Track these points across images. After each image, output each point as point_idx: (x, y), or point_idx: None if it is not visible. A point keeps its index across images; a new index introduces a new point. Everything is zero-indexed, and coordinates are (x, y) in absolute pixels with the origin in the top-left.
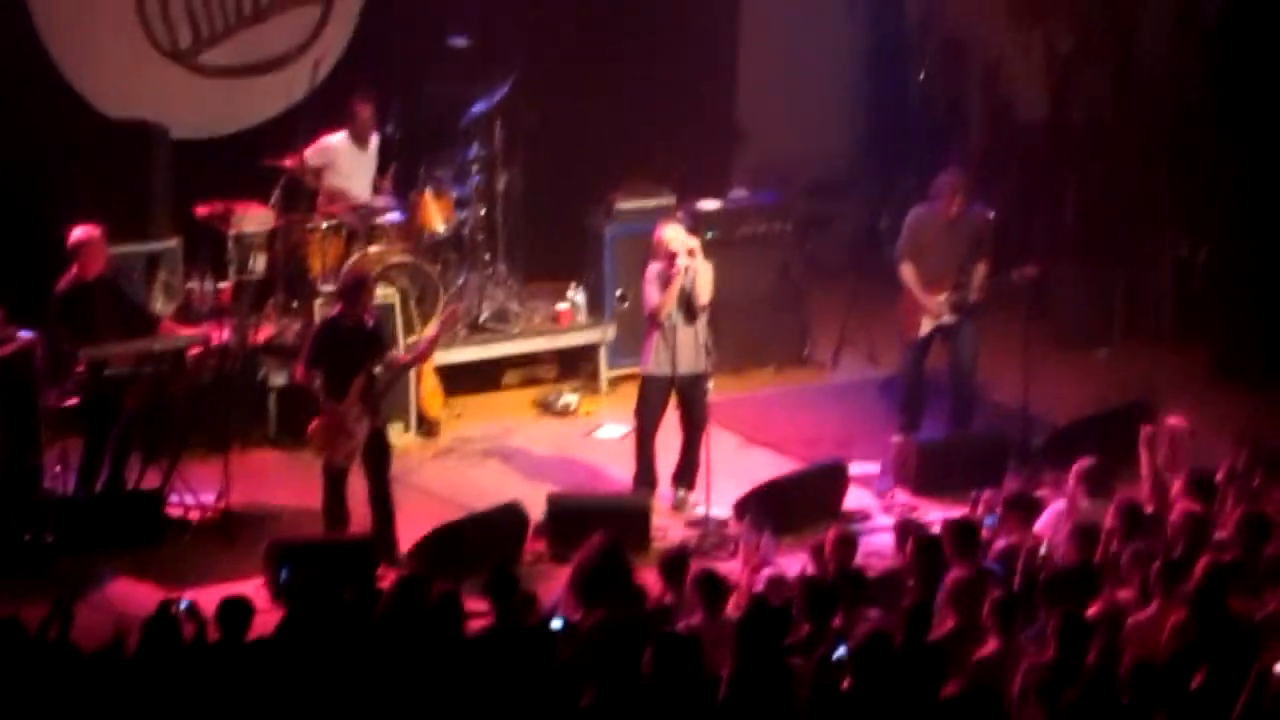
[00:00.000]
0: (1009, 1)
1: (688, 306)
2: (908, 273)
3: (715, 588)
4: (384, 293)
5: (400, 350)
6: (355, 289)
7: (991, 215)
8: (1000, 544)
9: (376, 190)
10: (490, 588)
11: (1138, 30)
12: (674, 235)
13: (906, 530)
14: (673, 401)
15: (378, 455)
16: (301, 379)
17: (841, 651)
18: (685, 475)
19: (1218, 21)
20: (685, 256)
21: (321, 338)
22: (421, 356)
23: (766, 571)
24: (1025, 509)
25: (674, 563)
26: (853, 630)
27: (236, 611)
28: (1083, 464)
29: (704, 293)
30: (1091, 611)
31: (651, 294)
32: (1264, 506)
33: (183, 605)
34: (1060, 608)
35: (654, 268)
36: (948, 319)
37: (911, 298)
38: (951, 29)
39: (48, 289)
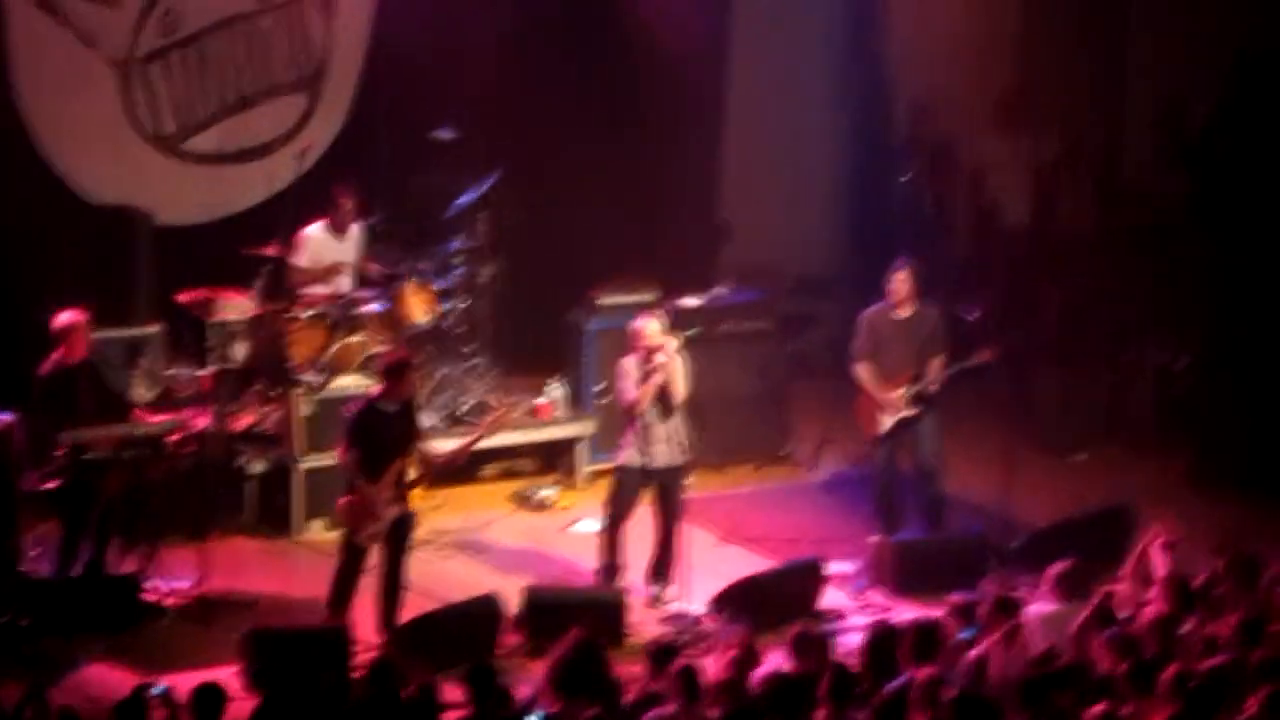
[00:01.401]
0: (996, 107)
1: (664, 401)
2: (864, 372)
3: (694, 682)
4: (364, 382)
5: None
6: (398, 369)
7: (970, 309)
8: (975, 654)
9: (364, 276)
10: (470, 680)
11: (1122, 140)
12: (651, 329)
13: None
14: (648, 496)
15: (399, 540)
16: (341, 459)
17: None
18: (661, 570)
19: (1201, 134)
20: (663, 354)
21: (360, 419)
22: (459, 457)
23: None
24: (1002, 611)
25: (662, 652)
26: None
27: (210, 698)
28: (1057, 567)
29: (680, 388)
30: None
31: (627, 388)
32: (1238, 614)
33: (156, 690)
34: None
35: (629, 361)
36: (908, 412)
37: (868, 397)
38: (938, 132)
39: (28, 372)
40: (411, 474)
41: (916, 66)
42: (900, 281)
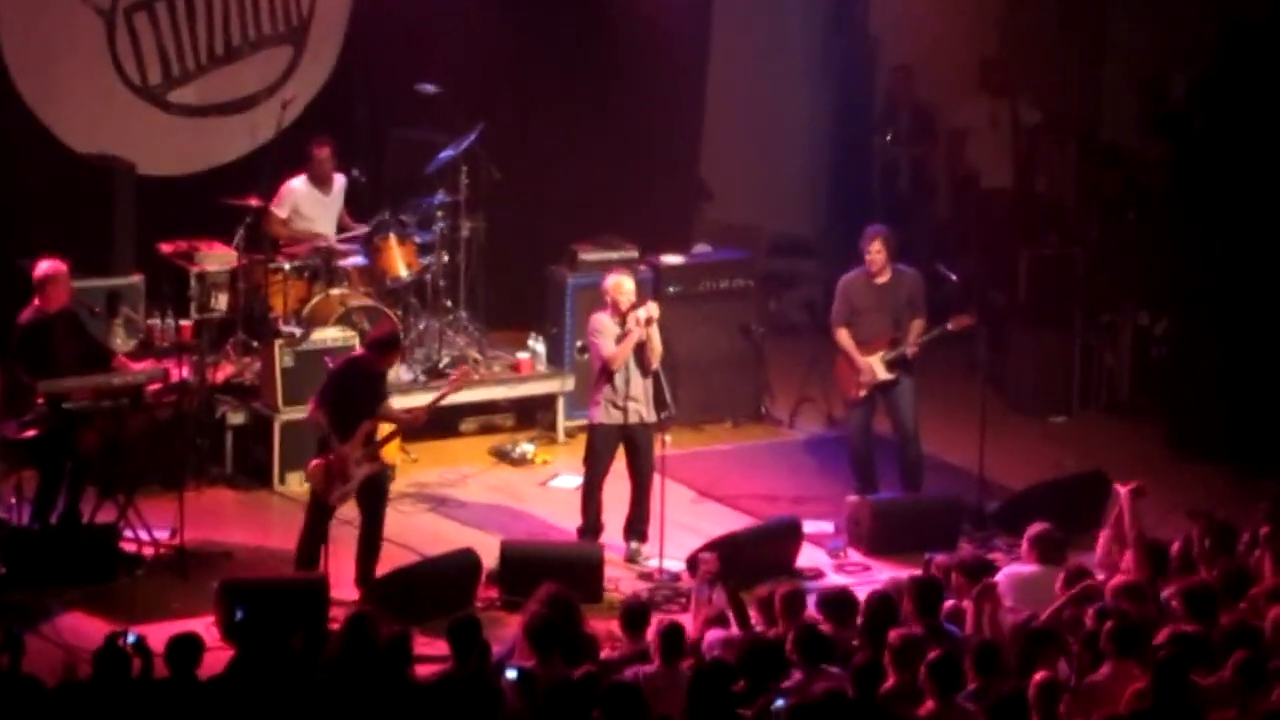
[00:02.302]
0: (977, 71)
1: (640, 359)
2: (843, 337)
3: (676, 641)
4: (344, 335)
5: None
6: (389, 344)
7: (952, 273)
8: (948, 605)
9: (343, 229)
10: (454, 634)
11: (1102, 105)
12: (626, 285)
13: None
14: (620, 452)
15: (375, 497)
16: (312, 415)
17: (780, 704)
18: (637, 527)
19: (1183, 100)
20: (643, 311)
21: (339, 378)
22: (424, 414)
23: (718, 635)
24: (978, 573)
25: (635, 613)
26: (810, 687)
27: (187, 648)
28: (1035, 529)
29: (658, 347)
30: (1036, 678)
31: (603, 344)
32: (1214, 579)
33: (130, 639)
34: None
35: (601, 318)
36: (886, 376)
37: (847, 360)
38: (920, 95)
39: (7, 321)
40: (382, 432)
41: (898, 30)
42: (875, 252)
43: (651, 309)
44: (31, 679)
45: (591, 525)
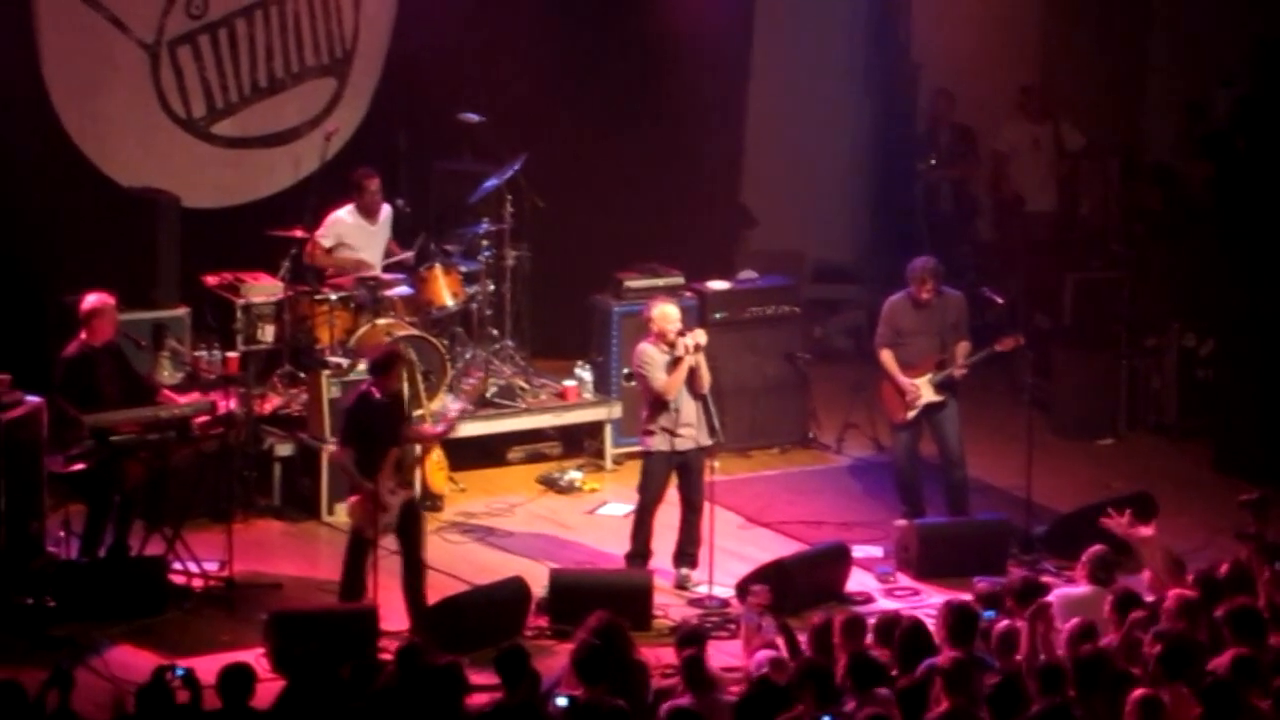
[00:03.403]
0: (1020, 96)
1: (691, 386)
2: (887, 359)
3: (700, 670)
4: None
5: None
6: (388, 363)
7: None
8: (1000, 628)
9: (390, 254)
10: (502, 664)
11: (1144, 126)
12: (671, 313)
13: (888, 625)
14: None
15: (412, 525)
16: (335, 458)
17: None
18: (687, 550)
19: (1226, 121)
20: (690, 338)
21: (358, 414)
22: (447, 430)
23: (767, 653)
24: (1030, 594)
25: (688, 638)
26: (860, 712)
27: (239, 678)
28: (1093, 550)
29: (706, 373)
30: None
31: (655, 376)
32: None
33: (178, 672)
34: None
35: (648, 349)
36: (934, 398)
37: (892, 384)
38: (962, 119)
39: (54, 355)
40: (415, 454)
41: (939, 54)
42: (930, 291)
43: (699, 335)
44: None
45: (640, 550)
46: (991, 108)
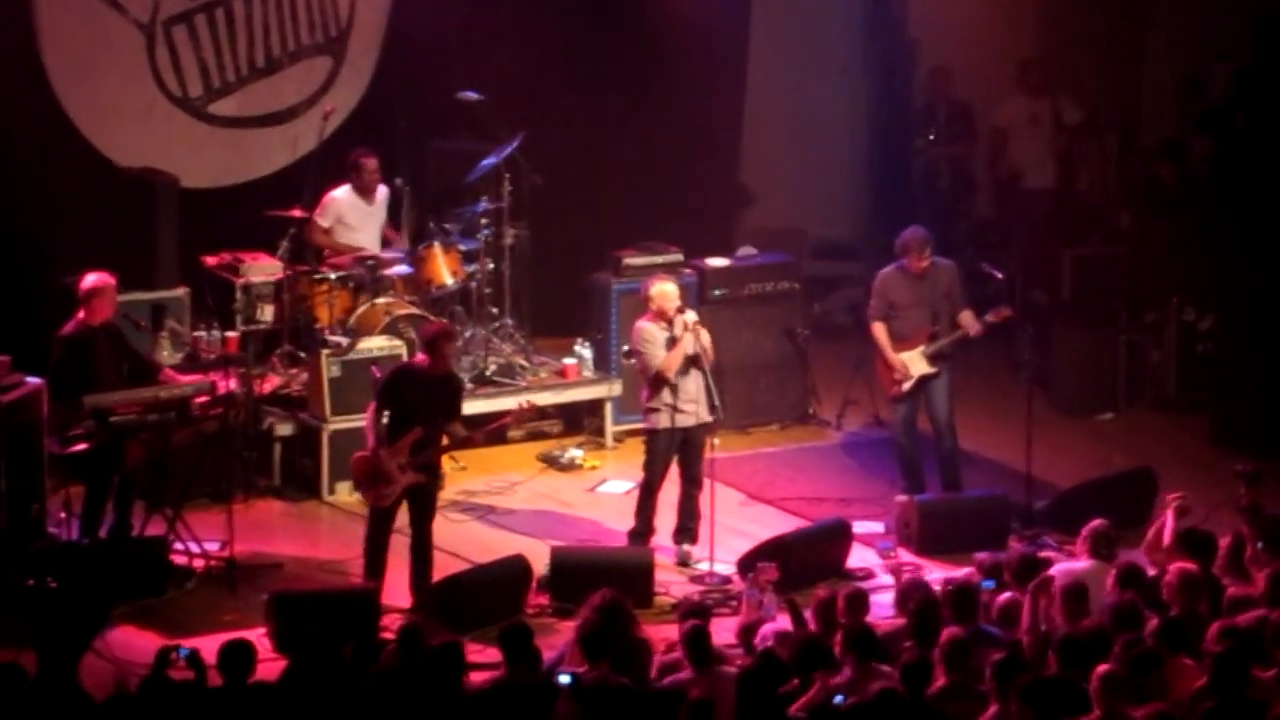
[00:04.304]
0: (1018, 71)
1: (692, 363)
2: (878, 331)
3: (703, 642)
4: (390, 344)
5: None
6: (438, 339)
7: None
8: (1002, 600)
9: (386, 242)
10: (505, 642)
11: (1143, 102)
12: (670, 291)
13: (910, 592)
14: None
15: (421, 507)
16: (369, 419)
17: (839, 699)
18: (687, 526)
19: (1223, 96)
20: (690, 314)
21: (393, 377)
22: (488, 438)
23: (773, 627)
24: (1031, 569)
25: (690, 614)
26: (863, 686)
27: (239, 654)
28: (1094, 525)
29: (709, 350)
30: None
31: (655, 354)
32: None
33: (183, 653)
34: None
35: (648, 326)
36: (927, 370)
37: (885, 357)
38: (960, 95)
39: (53, 336)
40: (439, 444)
41: (937, 30)
42: (927, 259)
43: (689, 316)
44: (82, 694)
45: (643, 528)
46: (990, 83)
